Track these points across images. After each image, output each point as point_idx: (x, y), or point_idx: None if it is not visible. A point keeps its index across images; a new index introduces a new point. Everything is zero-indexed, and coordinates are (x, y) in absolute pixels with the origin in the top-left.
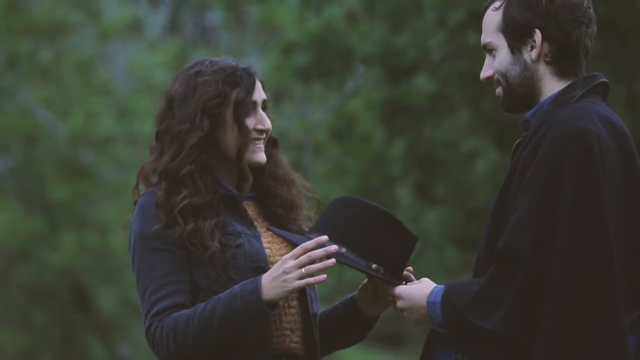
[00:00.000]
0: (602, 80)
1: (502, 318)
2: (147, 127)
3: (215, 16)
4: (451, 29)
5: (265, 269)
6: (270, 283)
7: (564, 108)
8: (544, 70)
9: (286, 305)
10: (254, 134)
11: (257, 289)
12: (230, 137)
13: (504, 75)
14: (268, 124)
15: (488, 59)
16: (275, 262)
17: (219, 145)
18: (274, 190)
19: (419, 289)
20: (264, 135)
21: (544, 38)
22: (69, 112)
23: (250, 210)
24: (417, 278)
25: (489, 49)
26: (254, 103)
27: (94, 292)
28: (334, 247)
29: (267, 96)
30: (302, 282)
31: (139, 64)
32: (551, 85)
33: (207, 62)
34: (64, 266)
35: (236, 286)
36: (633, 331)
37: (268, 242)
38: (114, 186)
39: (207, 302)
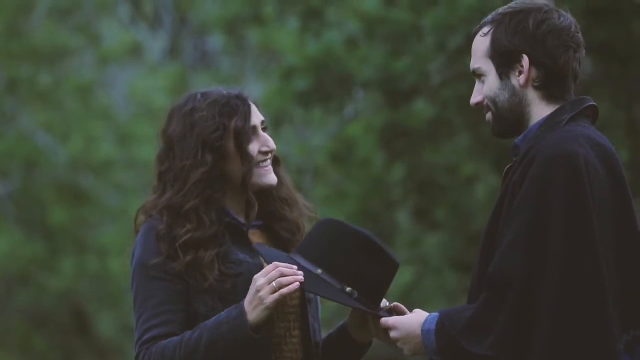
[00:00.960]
0: (591, 103)
1: (493, 343)
2: (147, 152)
3: (215, 41)
4: (450, 53)
5: None
6: (250, 306)
7: (552, 132)
8: (532, 96)
9: (288, 334)
10: (260, 157)
11: (242, 313)
12: (235, 166)
13: (493, 101)
14: (272, 144)
15: (478, 85)
16: None
17: (225, 176)
18: (280, 212)
19: (412, 319)
20: (270, 156)
21: (531, 63)
22: (68, 137)
23: (257, 238)
24: (417, 302)
25: (478, 75)
26: (254, 128)
27: (94, 316)
28: (300, 277)
29: (264, 117)
30: (277, 295)
31: (139, 88)
32: (540, 110)
33: (199, 97)
34: (63, 291)
35: (222, 312)
36: (628, 352)
37: None
38: (114, 211)
39: (194, 330)
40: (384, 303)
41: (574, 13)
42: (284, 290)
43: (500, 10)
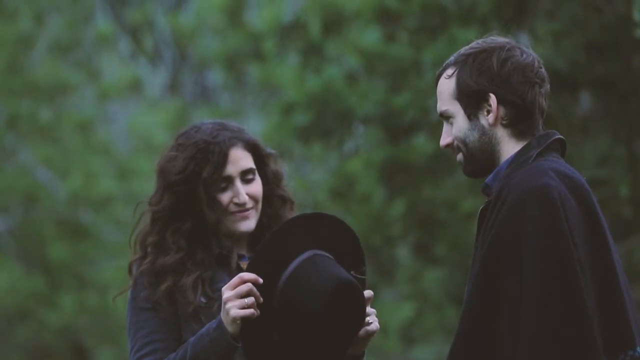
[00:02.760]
0: (558, 137)
1: None
2: (147, 187)
3: (215, 76)
4: None
5: None
6: (223, 317)
7: (521, 169)
8: (501, 134)
9: None
10: (233, 208)
11: (220, 324)
12: (209, 209)
13: (463, 142)
14: (243, 197)
15: (446, 127)
16: None
17: (200, 214)
18: None
19: None
20: (246, 207)
21: (499, 102)
22: (68, 172)
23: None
24: (418, 338)
25: (446, 117)
26: (228, 177)
27: (94, 352)
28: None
29: (250, 165)
30: (243, 312)
31: (139, 123)
32: (510, 148)
33: (192, 132)
34: (63, 326)
35: (204, 328)
36: None
37: None
38: (114, 246)
39: (179, 349)
40: None
41: (574, 47)
42: (252, 312)
43: (462, 50)
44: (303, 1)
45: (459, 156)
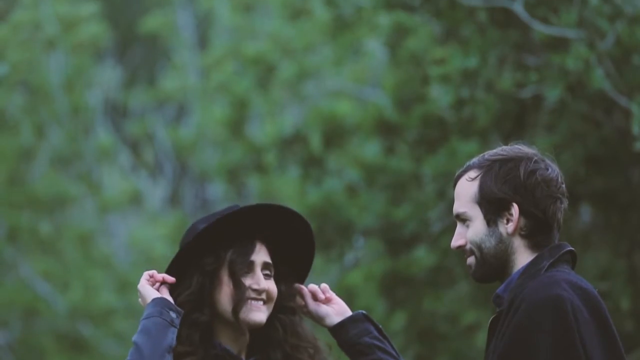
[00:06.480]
0: (569, 248)
1: None
2: None
3: (216, 188)
4: (450, 201)
5: None
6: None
7: (533, 279)
8: (518, 244)
9: None
10: (251, 293)
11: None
12: (225, 294)
13: (479, 247)
14: (264, 283)
15: (460, 228)
16: None
17: (215, 304)
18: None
19: None
20: (263, 297)
21: (521, 212)
22: (68, 286)
23: None
24: None
25: (463, 219)
26: (252, 263)
27: None
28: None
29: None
30: (143, 280)
31: (139, 236)
32: (524, 258)
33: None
34: None
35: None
36: None
37: None
38: (113, 359)
39: None
40: None
41: (574, 161)
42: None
43: (487, 155)
44: (304, 114)
45: (470, 259)
